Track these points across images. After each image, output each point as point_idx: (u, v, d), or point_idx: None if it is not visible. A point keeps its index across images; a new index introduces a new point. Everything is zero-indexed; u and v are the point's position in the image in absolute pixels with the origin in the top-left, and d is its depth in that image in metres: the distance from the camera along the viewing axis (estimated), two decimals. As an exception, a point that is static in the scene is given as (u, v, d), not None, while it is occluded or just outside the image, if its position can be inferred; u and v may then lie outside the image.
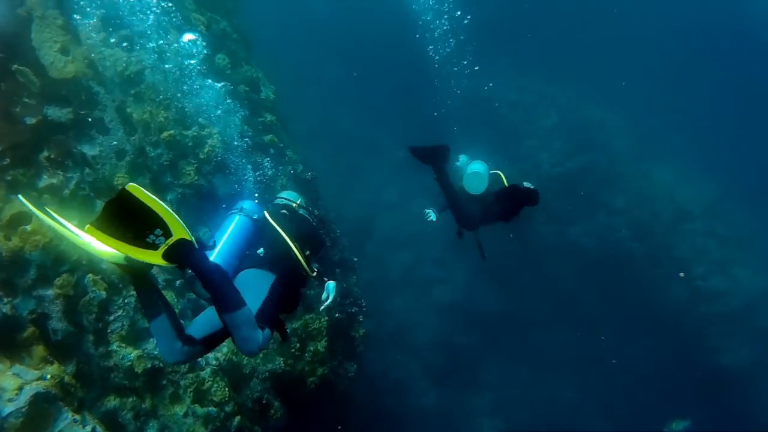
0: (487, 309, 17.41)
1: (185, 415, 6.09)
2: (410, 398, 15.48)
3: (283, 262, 4.44)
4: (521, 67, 19.02)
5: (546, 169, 17.75)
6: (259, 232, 4.59)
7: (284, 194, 5.46)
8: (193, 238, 3.18)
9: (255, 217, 4.61)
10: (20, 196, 3.28)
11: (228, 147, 7.12)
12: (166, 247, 3.09)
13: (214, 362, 6.49)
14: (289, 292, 4.44)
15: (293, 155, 8.52)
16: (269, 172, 7.56)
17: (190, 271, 3.43)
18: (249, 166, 7.15)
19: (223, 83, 7.22)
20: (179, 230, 3.10)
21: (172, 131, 6.83)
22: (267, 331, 3.89)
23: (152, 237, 3.05)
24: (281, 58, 16.36)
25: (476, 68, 13.74)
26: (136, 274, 3.53)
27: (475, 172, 7.03)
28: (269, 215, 4.67)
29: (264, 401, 7.11)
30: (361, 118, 20.37)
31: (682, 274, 15.40)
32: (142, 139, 6.99)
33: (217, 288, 3.42)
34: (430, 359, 16.50)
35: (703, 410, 14.97)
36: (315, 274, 4.67)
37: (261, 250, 4.42)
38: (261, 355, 7.27)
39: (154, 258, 3.09)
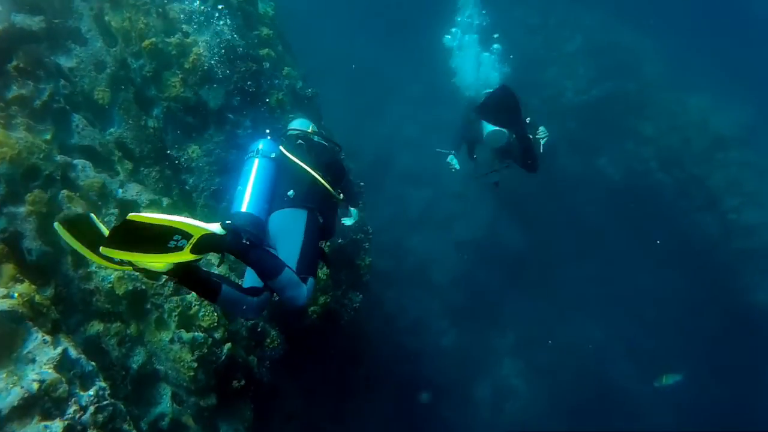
0: (510, 245, 16.81)
1: (171, 341, 5.73)
2: (429, 337, 15.12)
3: (313, 195, 4.50)
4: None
5: (570, 98, 16.73)
6: (280, 169, 4.57)
7: (295, 123, 5.37)
8: (214, 228, 3.31)
9: (273, 156, 4.56)
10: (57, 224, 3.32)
11: (216, 56, 6.56)
12: (191, 245, 3.18)
13: (203, 286, 6.06)
14: (324, 222, 4.54)
15: (292, 71, 7.90)
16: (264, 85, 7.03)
17: None
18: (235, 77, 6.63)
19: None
20: (197, 230, 3.20)
21: (153, 39, 6.28)
22: (310, 280, 4.08)
23: (173, 243, 3.13)
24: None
25: None
26: (182, 276, 3.50)
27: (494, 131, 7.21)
28: (285, 150, 4.63)
29: (259, 329, 6.73)
30: (379, 52, 19.44)
31: None
32: (123, 49, 6.47)
33: (256, 263, 3.64)
34: (450, 297, 16.04)
35: (732, 348, 14.43)
36: (342, 198, 4.74)
37: (291, 192, 4.44)
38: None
39: (184, 256, 3.18)
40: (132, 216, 3.03)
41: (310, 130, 5.24)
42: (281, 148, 4.66)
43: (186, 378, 5.83)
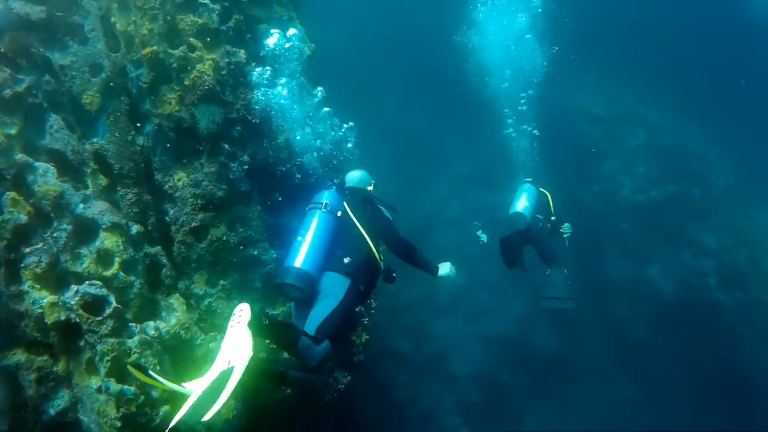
0: (541, 348, 15.39)
1: (98, 390, 4.74)
2: (437, 432, 13.75)
3: (364, 266, 4.78)
4: (612, 79, 16.86)
5: (625, 196, 15.54)
6: (340, 228, 4.82)
7: (354, 178, 5.53)
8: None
9: (339, 214, 4.83)
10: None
11: (222, 78, 5.86)
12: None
13: (152, 332, 5.13)
14: (364, 290, 4.84)
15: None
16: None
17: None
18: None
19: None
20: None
21: (155, 47, 5.65)
22: (326, 344, 4.27)
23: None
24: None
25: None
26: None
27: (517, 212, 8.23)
28: (350, 210, 4.89)
29: (215, 395, 5.68)
30: (431, 123, 18.74)
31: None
32: (124, 55, 5.86)
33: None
34: (468, 394, 14.65)
35: None
36: (383, 267, 5.01)
37: (348, 260, 4.66)
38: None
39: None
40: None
41: (370, 188, 5.46)
42: (346, 206, 4.89)
43: (107, 438, 4.83)
